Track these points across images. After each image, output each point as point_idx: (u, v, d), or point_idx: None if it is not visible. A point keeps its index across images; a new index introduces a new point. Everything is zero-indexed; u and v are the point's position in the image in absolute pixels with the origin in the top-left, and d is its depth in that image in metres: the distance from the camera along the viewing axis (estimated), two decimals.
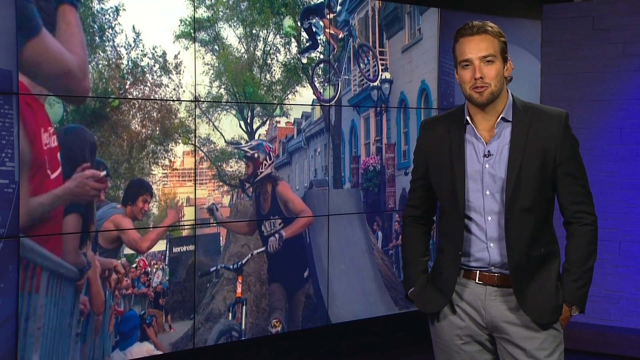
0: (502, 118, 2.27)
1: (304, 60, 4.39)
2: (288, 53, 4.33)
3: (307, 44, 4.40)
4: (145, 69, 3.78)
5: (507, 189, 2.23)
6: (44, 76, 3.37)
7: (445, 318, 2.36)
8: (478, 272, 2.30)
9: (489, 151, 2.27)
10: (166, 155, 3.89)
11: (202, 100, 3.99)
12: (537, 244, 2.26)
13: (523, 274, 2.25)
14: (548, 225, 2.31)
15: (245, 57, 4.18)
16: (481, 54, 2.21)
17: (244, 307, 4.18)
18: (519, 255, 2.24)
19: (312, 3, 4.40)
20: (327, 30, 4.46)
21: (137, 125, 3.78)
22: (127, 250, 3.76)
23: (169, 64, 3.86)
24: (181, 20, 3.90)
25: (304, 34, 4.38)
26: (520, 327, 2.27)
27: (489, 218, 2.27)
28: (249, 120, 4.21)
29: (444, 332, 2.38)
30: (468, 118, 2.30)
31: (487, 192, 2.26)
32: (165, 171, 3.92)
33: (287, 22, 4.31)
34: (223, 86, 4.09)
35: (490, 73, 2.22)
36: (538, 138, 2.24)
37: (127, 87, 3.73)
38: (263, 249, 4.26)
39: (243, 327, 4.18)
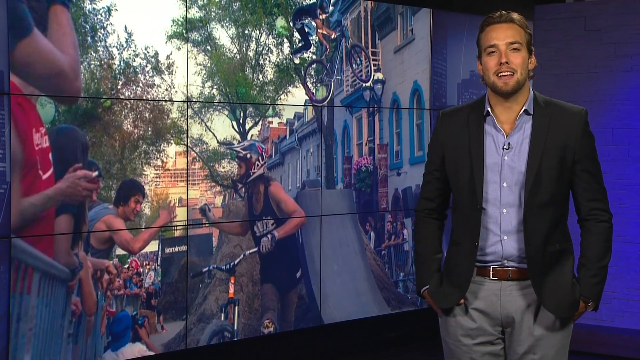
0: (525, 111, 2.27)
1: (297, 61, 4.39)
2: (280, 53, 4.33)
3: (300, 45, 4.40)
4: (137, 69, 3.77)
5: (527, 183, 2.22)
6: (35, 76, 3.36)
7: (457, 315, 2.34)
8: (492, 267, 2.29)
9: (509, 143, 2.26)
10: (158, 156, 3.89)
11: (194, 100, 3.98)
12: (553, 240, 2.26)
13: (540, 269, 2.24)
14: (563, 221, 2.31)
15: (238, 57, 4.18)
16: (508, 40, 2.21)
17: (237, 307, 4.18)
18: (535, 250, 2.23)
19: (305, 3, 4.40)
20: (319, 30, 4.46)
21: (129, 126, 3.77)
22: (119, 251, 3.76)
23: (161, 64, 3.85)
24: (173, 21, 3.89)
25: (296, 34, 4.38)
26: (533, 323, 2.27)
27: (505, 210, 2.26)
28: (241, 121, 4.21)
29: (455, 329, 2.35)
30: (489, 109, 2.29)
31: (505, 185, 2.25)
32: (158, 172, 3.91)
33: (280, 22, 4.31)
34: (215, 86, 4.08)
35: (516, 60, 2.21)
36: (558, 133, 2.25)
37: (119, 87, 3.72)
38: (255, 249, 4.26)
39: (235, 327, 4.17)
